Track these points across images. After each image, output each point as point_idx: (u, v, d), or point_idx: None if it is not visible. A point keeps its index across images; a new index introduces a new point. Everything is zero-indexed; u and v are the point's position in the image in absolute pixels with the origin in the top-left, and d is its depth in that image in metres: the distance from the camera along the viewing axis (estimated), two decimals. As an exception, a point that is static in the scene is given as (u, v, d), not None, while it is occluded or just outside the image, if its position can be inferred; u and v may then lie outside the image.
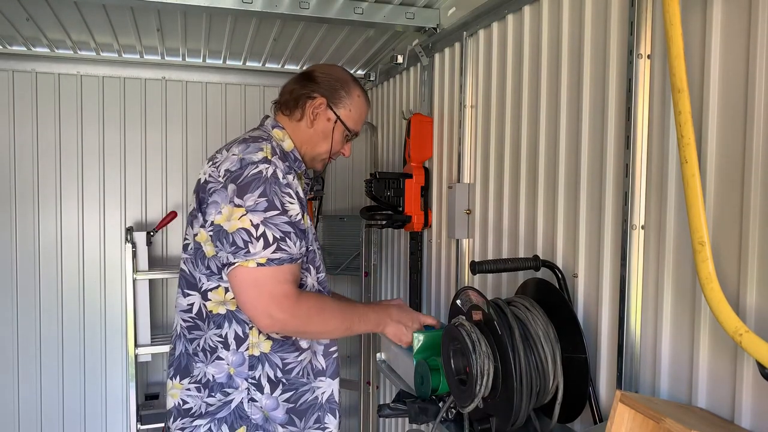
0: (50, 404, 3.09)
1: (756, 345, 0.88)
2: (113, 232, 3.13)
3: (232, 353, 1.48)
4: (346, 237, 3.30)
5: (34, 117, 2.99)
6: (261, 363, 1.49)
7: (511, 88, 1.80)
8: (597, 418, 1.35)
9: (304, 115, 1.60)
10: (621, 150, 1.32)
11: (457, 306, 1.47)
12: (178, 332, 1.58)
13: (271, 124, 1.62)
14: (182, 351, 1.56)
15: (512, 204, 1.79)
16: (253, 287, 1.37)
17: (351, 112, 1.65)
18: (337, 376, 1.64)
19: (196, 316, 1.53)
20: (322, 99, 1.60)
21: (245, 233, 1.36)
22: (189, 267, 1.53)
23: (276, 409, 1.51)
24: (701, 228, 0.97)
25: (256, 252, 1.35)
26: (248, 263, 1.35)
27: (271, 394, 1.50)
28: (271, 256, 1.36)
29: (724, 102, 1.09)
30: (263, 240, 1.36)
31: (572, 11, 1.52)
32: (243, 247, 1.36)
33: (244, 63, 3.19)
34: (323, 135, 1.63)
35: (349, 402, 3.45)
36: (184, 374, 1.54)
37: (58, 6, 2.32)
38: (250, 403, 1.49)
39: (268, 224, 1.37)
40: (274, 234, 1.37)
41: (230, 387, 1.49)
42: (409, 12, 2.31)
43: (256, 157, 1.42)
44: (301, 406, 1.54)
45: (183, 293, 1.56)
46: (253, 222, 1.36)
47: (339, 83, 1.63)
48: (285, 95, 1.65)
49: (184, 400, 1.53)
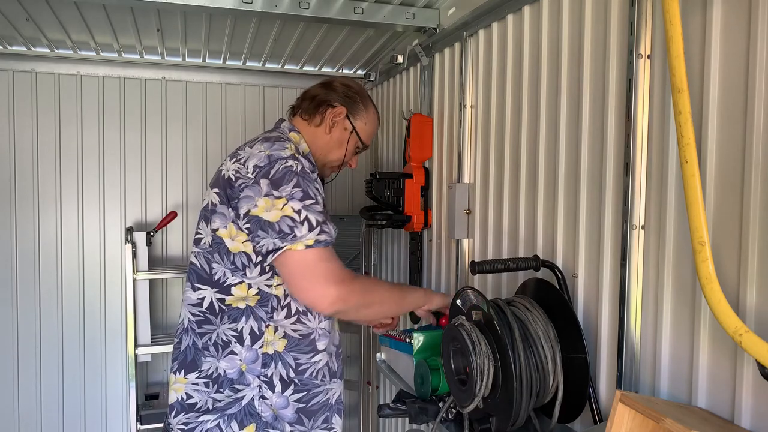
0: (50, 404, 3.09)
1: (756, 345, 0.88)
2: (113, 232, 3.14)
3: (246, 349, 1.49)
4: (346, 237, 3.30)
5: (34, 117, 2.99)
6: (274, 361, 1.50)
7: (511, 88, 1.80)
8: (597, 418, 1.35)
9: (323, 122, 1.67)
10: (621, 150, 1.32)
11: (457, 306, 1.47)
12: (185, 326, 1.58)
13: (288, 127, 1.67)
14: (189, 345, 1.56)
15: (512, 204, 1.79)
16: (307, 268, 1.40)
17: (366, 125, 1.74)
18: (343, 377, 1.67)
19: (207, 311, 1.53)
20: (342, 108, 1.68)
21: (290, 220, 1.40)
22: (201, 261, 1.54)
23: (286, 407, 1.51)
24: (701, 228, 0.97)
25: (303, 235, 1.40)
26: (296, 246, 1.39)
27: (282, 393, 1.51)
28: (318, 237, 1.40)
29: (724, 102, 1.09)
30: (307, 224, 1.40)
31: (572, 11, 1.52)
32: (289, 232, 1.40)
33: (244, 63, 3.19)
34: (338, 143, 1.70)
35: (349, 402, 3.45)
36: (190, 368, 1.54)
37: (58, 6, 2.32)
38: (260, 401, 1.49)
39: (309, 209, 1.42)
40: (316, 218, 1.42)
41: (241, 384, 1.49)
42: (409, 12, 2.31)
43: (284, 153, 1.47)
44: (313, 407, 1.55)
45: (193, 287, 1.57)
46: (294, 208, 1.41)
47: (358, 96, 1.72)
48: (306, 101, 1.70)
49: (189, 394, 1.53)
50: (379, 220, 2.37)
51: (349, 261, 3.27)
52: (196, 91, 3.24)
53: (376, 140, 3.15)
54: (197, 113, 3.24)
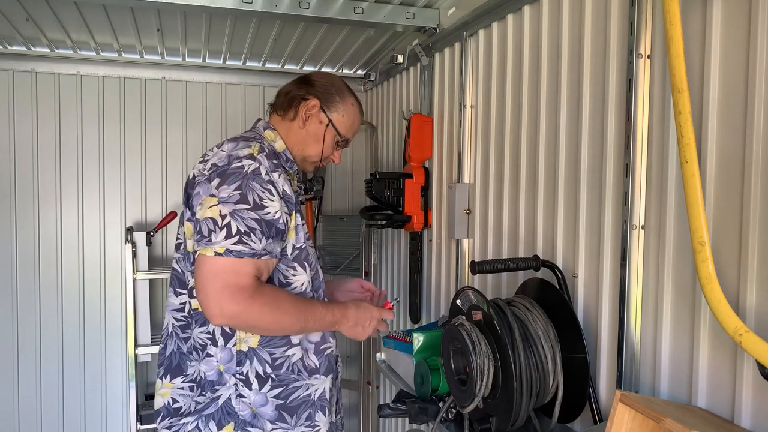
0: (50, 404, 3.09)
1: (756, 345, 0.88)
2: (113, 232, 3.13)
3: (221, 350, 1.48)
4: (346, 237, 3.31)
5: (34, 117, 2.98)
6: (249, 358, 1.49)
7: (511, 88, 1.80)
8: (597, 418, 1.35)
9: (297, 116, 1.63)
10: (621, 150, 1.32)
11: (457, 306, 1.47)
12: (170, 331, 1.58)
13: (263, 125, 1.65)
14: (174, 350, 1.56)
15: (512, 204, 1.79)
16: (208, 277, 1.35)
17: (343, 117, 1.67)
18: (331, 373, 1.61)
19: (188, 315, 1.53)
20: (315, 101, 1.62)
21: (211, 222, 1.37)
22: (181, 266, 1.55)
23: (265, 405, 1.50)
24: (701, 228, 0.97)
25: (217, 241, 1.35)
26: (207, 251, 1.35)
27: (259, 390, 1.49)
28: (231, 247, 1.35)
29: (724, 102, 1.09)
30: (226, 230, 1.35)
31: (572, 11, 1.52)
32: (206, 235, 1.37)
33: (244, 63, 3.19)
34: (315, 137, 1.65)
35: (349, 402, 3.45)
36: (175, 373, 1.54)
37: (58, 6, 2.32)
38: (238, 399, 1.48)
39: (235, 216, 1.37)
40: (239, 227, 1.36)
41: (219, 384, 1.49)
42: (409, 12, 2.31)
43: (242, 152, 1.44)
44: (292, 403, 1.53)
45: (175, 292, 1.57)
46: (221, 212, 1.37)
47: (334, 88, 1.66)
48: (281, 97, 1.68)
49: (174, 399, 1.52)
50: (379, 220, 2.37)
51: (349, 261, 3.27)
52: (196, 91, 3.24)
53: (376, 140, 3.15)
54: (197, 113, 3.24)
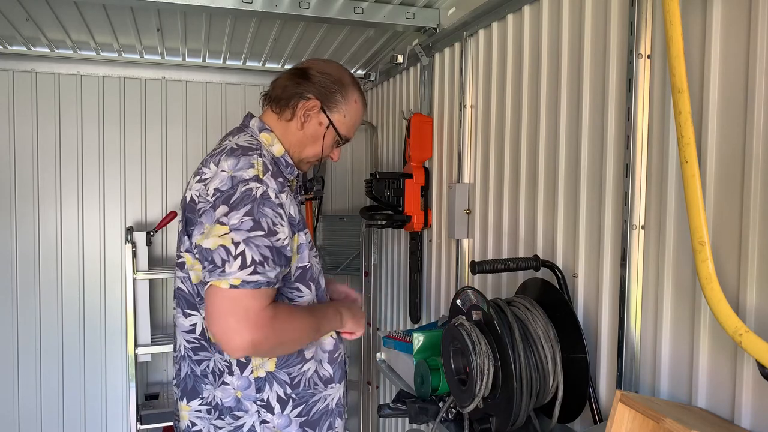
0: (50, 404, 3.09)
1: (756, 345, 0.88)
2: (113, 232, 3.13)
3: (237, 378, 1.42)
4: (346, 237, 3.31)
5: (34, 117, 2.99)
6: (269, 383, 1.44)
7: (511, 88, 1.80)
8: (597, 418, 1.35)
9: (295, 116, 1.49)
10: (621, 150, 1.32)
11: (457, 306, 1.47)
12: (182, 353, 1.50)
13: (258, 126, 1.50)
14: (188, 372, 1.49)
15: (512, 204, 1.79)
16: (225, 310, 1.25)
17: (345, 117, 1.54)
18: (344, 379, 1.60)
19: (200, 337, 1.46)
20: (316, 101, 1.48)
21: (224, 251, 1.26)
22: (187, 286, 1.45)
23: (288, 425, 1.46)
24: (701, 228, 0.97)
25: (231, 272, 1.25)
26: (221, 283, 1.25)
27: (282, 413, 1.44)
28: (247, 278, 1.25)
29: (724, 102, 1.09)
30: (241, 259, 1.25)
31: (572, 11, 1.52)
32: (220, 265, 1.26)
33: (244, 63, 3.19)
34: (313, 139, 1.52)
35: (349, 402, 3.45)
36: (191, 396, 1.48)
37: (58, 6, 2.32)
38: (261, 426, 1.43)
39: (249, 244, 1.27)
40: (254, 256, 1.26)
41: (239, 410, 1.43)
42: (409, 12, 2.31)
43: (247, 175, 1.32)
44: (314, 417, 1.50)
45: (183, 313, 1.47)
46: (234, 240, 1.26)
47: (336, 86, 1.51)
48: (277, 90, 1.51)
49: (193, 422, 1.47)
50: (379, 220, 2.37)
51: (349, 261, 3.27)
52: (196, 91, 3.24)
53: (376, 140, 3.15)
54: (197, 113, 3.24)
